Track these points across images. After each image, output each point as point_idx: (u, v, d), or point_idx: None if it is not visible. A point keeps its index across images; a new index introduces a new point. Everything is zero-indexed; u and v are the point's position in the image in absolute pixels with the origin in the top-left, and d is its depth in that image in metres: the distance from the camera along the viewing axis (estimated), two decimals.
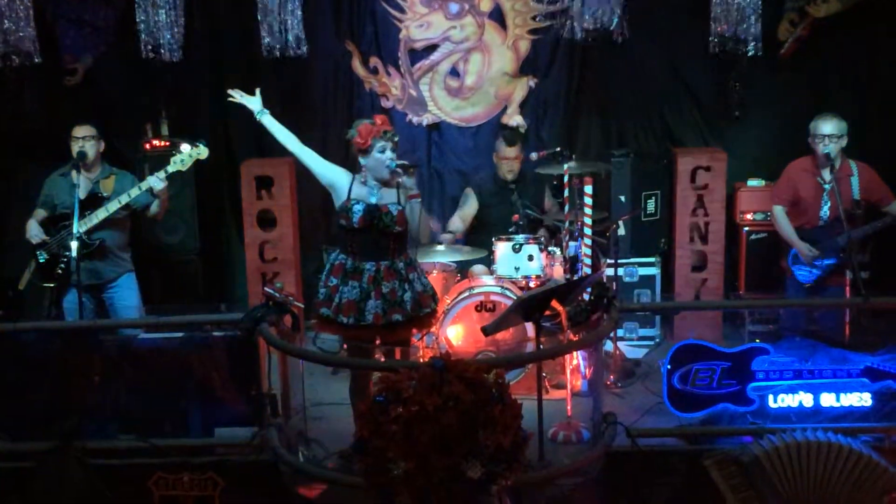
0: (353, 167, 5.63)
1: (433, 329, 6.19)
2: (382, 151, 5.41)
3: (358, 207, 5.39)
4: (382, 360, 5.57)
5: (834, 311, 6.48)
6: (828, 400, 5.53)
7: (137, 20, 7.41)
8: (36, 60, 7.42)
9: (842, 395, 5.52)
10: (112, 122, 7.44)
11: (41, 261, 6.35)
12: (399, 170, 5.42)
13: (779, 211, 6.51)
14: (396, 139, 5.51)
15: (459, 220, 7.25)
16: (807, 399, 5.53)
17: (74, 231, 6.06)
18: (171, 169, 6.28)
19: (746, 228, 7.54)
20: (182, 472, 5.31)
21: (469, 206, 7.24)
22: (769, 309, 7.17)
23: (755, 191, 7.50)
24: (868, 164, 6.50)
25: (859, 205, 6.28)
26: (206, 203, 7.90)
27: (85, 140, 6.36)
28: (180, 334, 5.77)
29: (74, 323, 6.18)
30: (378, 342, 5.58)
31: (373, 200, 5.43)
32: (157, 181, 6.22)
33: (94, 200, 6.30)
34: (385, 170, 5.41)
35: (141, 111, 7.83)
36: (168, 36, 7.39)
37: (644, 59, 7.91)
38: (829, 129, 6.26)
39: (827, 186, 6.32)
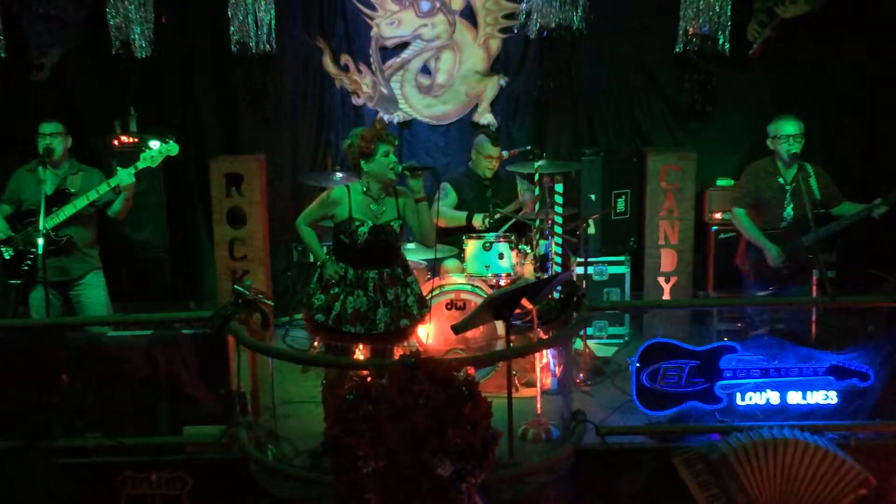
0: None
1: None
2: (386, 154, 5.37)
3: (363, 230, 5.37)
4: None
5: (800, 310, 6.53)
6: (794, 398, 5.58)
7: (107, 15, 7.35)
8: (2, 55, 7.35)
9: (808, 393, 5.57)
10: (80, 118, 7.38)
11: (6, 257, 6.27)
12: (407, 172, 5.40)
13: (741, 213, 6.48)
14: (396, 143, 5.50)
15: (452, 210, 7.17)
16: (774, 397, 5.58)
17: (41, 227, 6.00)
18: (140, 165, 6.20)
19: (715, 228, 7.59)
20: (150, 471, 5.28)
21: (450, 199, 7.18)
22: (737, 307, 7.21)
23: (724, 190, 7.55)
24: (834, 164, 6.56)
25: (820, 204, 6.31)
26: (176, 200, 7.84)
27: (52, 136, 6.28)
28: (149, 332, 5.73)
29: (41, 320, 6.11)
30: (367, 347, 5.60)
31: (378, 218, 5.40)
32: (126, 176, 6.16)
33: (61, 197, 6.23)
34: (390, 172, 5.38)
35: (110, 107, 7.75)
36: (137, 32, 7.34)
37: (615, 58, 7.95)
38: (793, 129, 6.30)
39: (789, 187, 6.37)
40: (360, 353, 5.65)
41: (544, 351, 6.26)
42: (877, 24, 7.44)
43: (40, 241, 5.99)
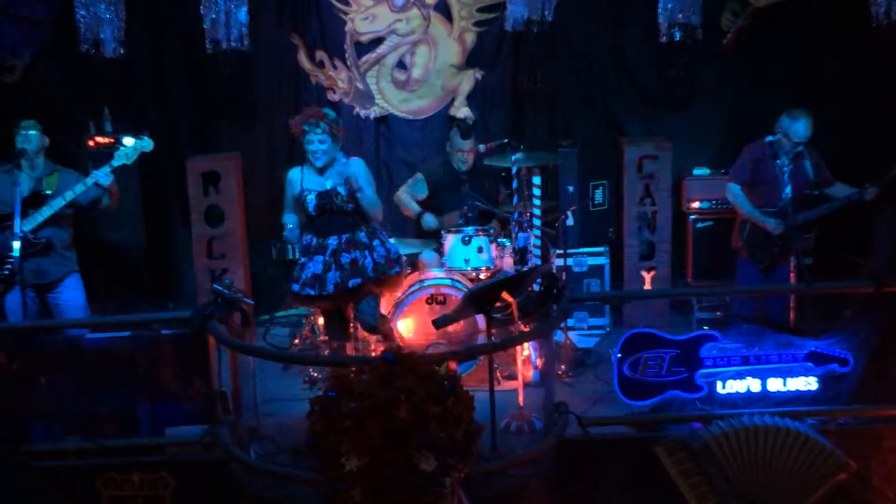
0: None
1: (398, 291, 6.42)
2: (310, 143, 5.82)
3: (311, 198, 5.87)
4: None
5: (780, 296, 6.56)
6: (774, 385, 5.60)
7: (77, 16, 7.28)
8: None
9: (788, 380, 5.60)
10: (54, 120, 7.29)
11: None
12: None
13: (737, 189, 6.46)
14: (323, 126, 5.77)
15: (411, 200, 7.21)
16: (754, 384, 5.60)
17: (16, 230, 5.94)
18: (116, 163, 6.16)
19: (693, 217, 7.61)
20: (132, 472, 5.25)
21: (420, 192, 7.19)
22: (716, 296, 7.24)
23: (701, 179, 7.58)
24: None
25: (815, 185, 6.33)
26: (152, 200, 7.80)
27: (32, 130, 6.25)
28: (128, 333, 5.70)
29: (19, 323, 6.04)
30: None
31: (324, 185, 5.88)
32: (103, 176, 6.12)
33: (37, 198, 6.18)
34: (312, 157, 5.85)
35: (84, 108, 7.69)
36: (109, 31, 7.27)
37: (589, 49, 7.96)
38: (807, 133, 6.28)
39: (787, 168, 6.36)
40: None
41: (525, 343, 6.27)
42: (849, 9, 7.46)
43: (16, 244, 5.93)
